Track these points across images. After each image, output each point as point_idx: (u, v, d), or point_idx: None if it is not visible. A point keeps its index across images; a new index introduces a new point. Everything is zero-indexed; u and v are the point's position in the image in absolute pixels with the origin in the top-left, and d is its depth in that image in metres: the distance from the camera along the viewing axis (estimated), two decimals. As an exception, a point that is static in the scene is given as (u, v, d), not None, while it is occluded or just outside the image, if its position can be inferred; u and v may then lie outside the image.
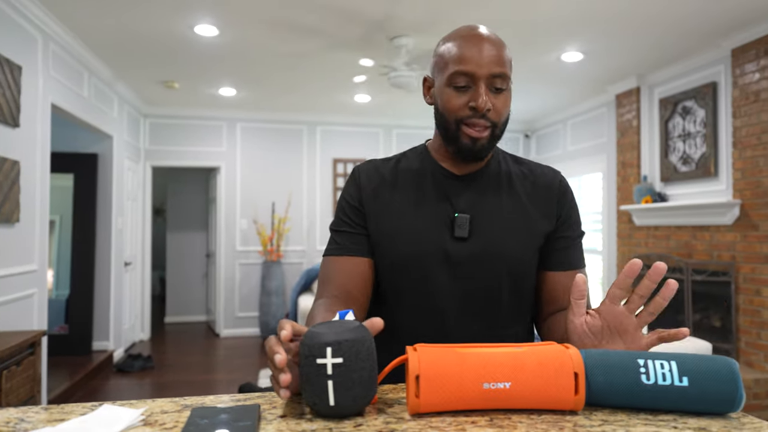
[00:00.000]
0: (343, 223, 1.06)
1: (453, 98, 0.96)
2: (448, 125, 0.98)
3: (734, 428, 0.61)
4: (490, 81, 0.95)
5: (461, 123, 0.97)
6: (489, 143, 0.98)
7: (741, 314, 3.77)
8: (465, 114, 0.96)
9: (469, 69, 0.94)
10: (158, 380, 4.49)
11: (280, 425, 0.63)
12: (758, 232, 3.63)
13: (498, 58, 0.94)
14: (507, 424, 0.62)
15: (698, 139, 4.23)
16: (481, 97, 0.93)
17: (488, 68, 0.94)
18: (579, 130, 5.92)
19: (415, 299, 1.01)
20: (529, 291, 1.06)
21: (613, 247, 5.29)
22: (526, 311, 1.07)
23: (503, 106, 0.97)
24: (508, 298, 1.02)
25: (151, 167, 6.10)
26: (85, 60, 4.14)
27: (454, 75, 0.95)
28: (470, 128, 0.96)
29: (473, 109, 0.95)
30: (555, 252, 1.05)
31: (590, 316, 0.80)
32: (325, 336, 0.64)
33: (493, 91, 0.96)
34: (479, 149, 0.97)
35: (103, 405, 0.66)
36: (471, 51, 0.94)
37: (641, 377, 0.64)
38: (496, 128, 0.98)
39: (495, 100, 0.96)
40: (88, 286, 4.81)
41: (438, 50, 1.01)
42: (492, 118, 0.96)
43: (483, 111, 0.94)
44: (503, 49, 0.96)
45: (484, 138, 0.97)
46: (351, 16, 3.46)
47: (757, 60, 3.62)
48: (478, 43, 0.95)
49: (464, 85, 0.95)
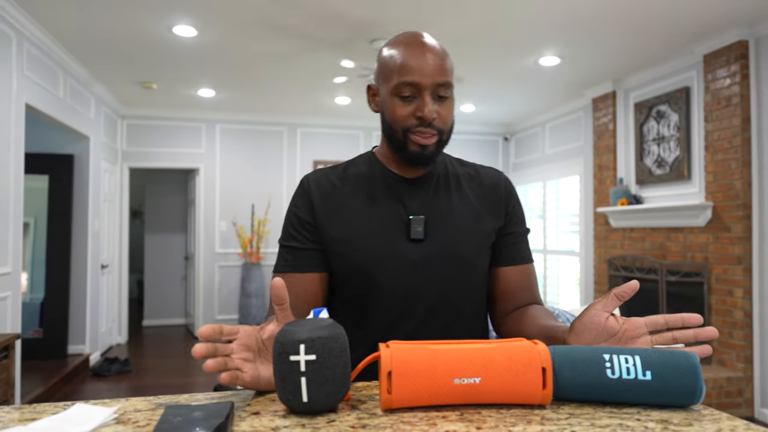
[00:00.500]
0: (292, 237, 1.05)
1: (399, 108, 0.98)
2: (396, 134, 1.00)
3: (695, 420, 0.63)
4: (435, 90, 0.97)
5: (408, 132, 0.98)
6: (437, 149, 1.00)
7: (714, 314, 3.86)
8: (411, 123, 0.98)
9: (414, 80, 0.95)
10: (136, 384, 4.43)
11: (254, 422, 0.63)
12: (730, 233, 3.72)
13: (441, 68, 0.96)
14: (477, 418, 0.64)
15: (672, 143, 4.33)
16: (426, 107, 0.95)
17: (432, 78, 0.96)
18: (557, 133, 6.00)
19: (376, 303, 1.01)
20: (484, 288, 1.08)
21: (590, 248, 5.37)
22: (481, 309, 1.10)
23: (448, 114, 0.99)
24: (465, 297, 1.04)
25: (128, 169, 6.03)
26: (61, 60, 4.07)
27: (399, 85, 0.97)
28: (417, 136, 0.98)
29: (419, 118, 0.97)
30: (505, 248, 1.08)
31: (614, 318, 0.78)
32: (299, 333, 0.65)
33: (438, 99, 0.98)
34: (428, 155, 1.00)
35: (75, 404, 0.66)
36: (415, 61, 0.96)
37: (606, 371, 0.66)
38: (443, 134, 1.00)
39: (440, 109, 0.98)
40: (64, 289, 4.73)
41: (381, 58, 1.02)
42: (438, 125, 0.98)
43: (429, 120, 0.96)
44: (446, 57, 0.98)
45: (431, 145, 0.99)
46: (331, 18, 3.47)
47: (728, 66, 3.72)
48: (422, 53, 0.96)
49: (409, 95, 0.97)
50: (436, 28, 3.63)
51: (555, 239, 5.99)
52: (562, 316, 2.43)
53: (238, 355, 0.72)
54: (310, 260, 1.03)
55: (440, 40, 3.87)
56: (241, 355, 0.72)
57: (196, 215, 6.26)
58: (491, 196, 1.09)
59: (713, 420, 0.63)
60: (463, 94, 5.35)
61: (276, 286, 0.73)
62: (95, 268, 5.03)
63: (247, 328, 0.75)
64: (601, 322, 0.77)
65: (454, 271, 1.02)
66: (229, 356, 0.71)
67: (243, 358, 0.72)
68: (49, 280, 4.72)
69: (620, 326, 0.77)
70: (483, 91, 5.24)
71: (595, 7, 3.29)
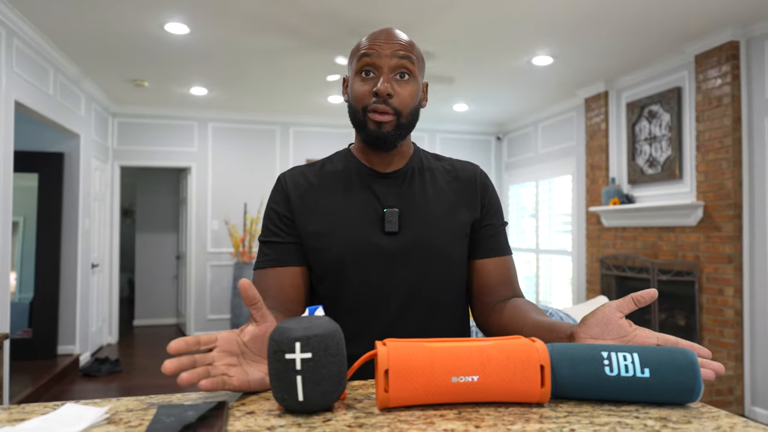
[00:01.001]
0: (271, 233, 1.06)
1: (359, 86, 1.01)
2: (357, 113, 1.02)
3: (693, 417, 0.63)
4: (395, 68, 0.99)
5: (366, 110, 1.00)
6: (396, 130, 1.01)
7: (704, 313, 3.88)
8: (369, 100, 1.00)
9: (372, 58, 0.99)
10: (126, 384, 4.39)
11: (248, 421, 0.62)
12: (721, 233, 3.74)
13: (402, 48, 1.00)
14: (475, 416, 0.63)
15: (664, 143, 4.35)
16: (382, 83, 0.98)
17: (390, 58, 0.99)
18: (549, 133, 6.02)
19: (353, 297, 1.02)
20: (462, 281, 1.08)
21: (582, 247, 5.39)
22: (461, 302, 1.10)
23: (409, 95, 1.01)
24: (442, 289, 1.04)
25: (119, 167, 5.98)
26: (51, 57, 4.03)
27: (360, 62, 1.01)
28: (374, 113, 0.99)
29: (376, 94, 0.98)
30: (483, 240, 1.08)
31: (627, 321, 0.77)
32: (294, 331, 0.64)
33: (398, 79, 1.00)
34: (385, 135, 1.00)
35: (65, 404, 0.64)
36: (376, 41, 1.00)
37: (605, 369, 0.66)
38: (402, 116, 1.01)
39: (399, 88, 1.00)
40: (53, 289, 4.68)
41: (352, 49, 1.06)
42: (395, 104, 0.99)
43: (383, 95, 0.98)
44: (409, 42, 1.02)
45: (388, 123, 1.00)
46: (325, 16, 3.46)
47: (719, 66, 3.74)
48: (384, 35, 1.01)
49: (370, 74, 1.00)
50: (429, 27, 3.62)
51: (547, 239, 6.01)
52: (556, 315, 2.44)
53: (221, 362, 0.71)
54: (290, 254, 1.04)
55: (434, 39, 3.86)
56: (225, 361, 0.71)
57: (187, 214, 6.22)
58: (467, 189, 1.10)
59: (712, 417, 0.62)
60: (456, 93, 5.35)
61: (244, 287, 0.72)
62: (85, 268, 4.98)
63: (225, 333, 0.74)
64: (614, 320, 0.76)
65: (429, 263, 1.02)
66: (212, 364, 0.70)
67: (227, 363, 0.71)
68: (38, 279, 4.67)
69: (631, 330, 0.76)
70: (476, 90, 5.25)
71: (587, 7, 3.29)
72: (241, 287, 0.72)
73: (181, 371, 0.66)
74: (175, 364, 0.65)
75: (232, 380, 0.70)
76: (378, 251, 1.01)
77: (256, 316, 0.75)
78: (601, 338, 0.76)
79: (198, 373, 0.66)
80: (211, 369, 0.68)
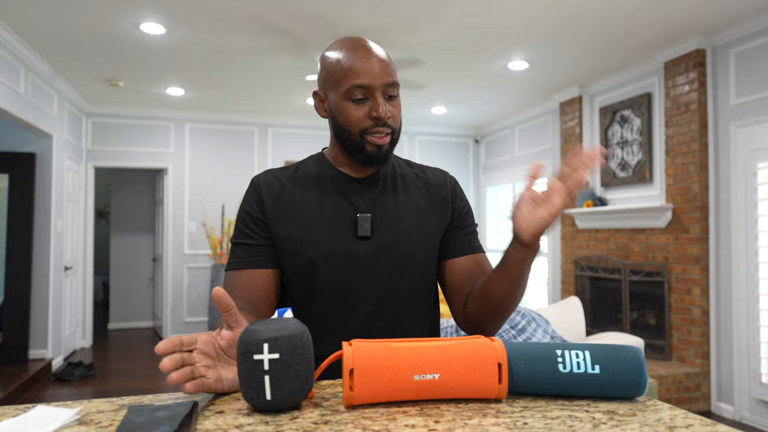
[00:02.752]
0: (244, 235, 1.07)
1: (353, 111, 1.01)
2: (352, 137, 1.03)
3: (638, 410, 0.67)
4: (385, 90, 1.01)
5: (365, 133, 1.02)
6: (391, 146, 1.05)
7: (673, 312, 3.99)
8: (367, 124, 1.01)
9: (365, 82, 0.99)
10: (100, 388, 4.34)
11: (218, 420, 0.64)
12: (689, 234, 3.86)
13: (388, 68, 1.02)
14: (435, 412, 0.66)
15: (635, 147, 4.46)
16: (381, 107, 1.00)
17: (382, 79, 1.00)
18: (526, 136, 6.11)
19: (325, 300, 1.04)
20: (431, 285, 1.11)
21: (557, 249, 5.49)
22: (431, 304, 1.13)
23: (398, 112, 1.05)
24: (412, 293, 1.07)
25: (93, 168, 5.89)
26: (22, 55, 3.97)
27: (350, 89, 1.00)
28: (373, 137, 1.02)
29: (375, 119, 1.01)
30: (452, 241, 1.12)
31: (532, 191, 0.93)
32: (262, 333, 0.66)
33: (387, 98, 1.03)
34: (385, 154, 1.04)
35: (37, 406, 0.66)
36: (364, 65, 1.00)
37: (559, 366, 0.70)
38: (395, 133, 1.05)
39: (391, 108, 1.03)
40: (25, 292, 4.60)
41: (327, 64, 1.05)
42: (391, 124, 1.03)
43: (384, 119, 1.00)
44: (389, 58, 1.04)
45: (386, 143, 1.03)
46: (304, 17, 3.47)
47: (687, 73, 3.86)
48: (367, 56, 1.01)
49: (361, 97, 1.01)
50: (407, 31, 3.66)
51: (523, 240, 6.09)
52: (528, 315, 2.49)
53: (200, 363, 0.74)
54: (262, 256, 1.05)
55: (412, 43, 3.90)
56: (203, 363, 0.74)
57: (164, 216, 6.16)
58: (437, 195, 1.13)
59: (655, 410, 0.67)
60: (435, 96, 5.41)
61: (217, 295, 0.74)
62: (58, 270, 4.91)
63: (203, 335, 0.76)
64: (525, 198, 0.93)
65: (400, 267, 1.05)
66: (194, 365, 0.72)
67: (205, 365, 0.74)
68: (8, 282, 4.58)
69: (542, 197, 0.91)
70: (454, 94, 5.31)
71: (562, 14, 3.37)
72: (215, 296, 0.74)
73: (174, 369, 0.69)
74: (173, 362, 0.68)
75: (208, 381, 0.72)
76: (350, 255, 1.03)
77: (230, 322, 0.77)
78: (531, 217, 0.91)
79: (185, 373, 0.69)
80: (194, 370, 0.71)
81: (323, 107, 1.08)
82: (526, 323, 2.32)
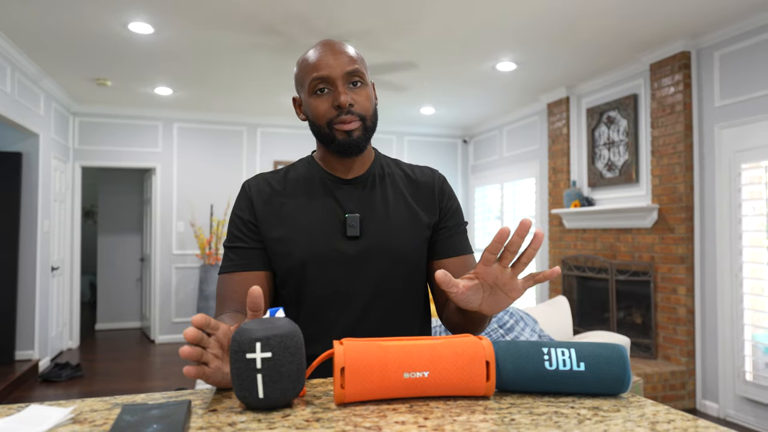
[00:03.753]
0: (236, 238, 1.08)
1: (318, 104, 1.04)
2: (322, 130, 1.05)
3: (622, 406, 0.69)
4: (346, 78, 1.03)
5: (332, 124, 1.04)
6: (364, 134, 1.05)
7: (659, 311, 4.04)
8: (332, 115, 1.03)
9: (324, 73, 1.02)
10: (88, 389, 4.31)
11: (211, 418, 0.65)
12: (674, 234, 3.91)
13: (348, 58, 1.04)
14: (425, 409, 0.68)
15: (621, 147, 4.51)
16: (341, 95, 1.01)
17: (341, 68, 1.02)
18: (514, 136, 6.16)
19: (315, 300, 1.05)
20: (421, 283, 1.13)
21: (545, 248, 5.53)
22: (421, 303, 1.14)
23: (365, 100, 1.05)
24: (402, 292, 1.09)
25: (80, 167, 5.85)
26: (8, 54, 3.93)
27: (313, 82, 1.03)
28: (341, 124, 1.03)
29: (338, 107, 1.02)
30: (440, 242, 1.12)
31: (467, 280, 0.83)
32: (255, 332, 0.67)
33: (352, 87, 1.04)
34: (357, 140, 1.04)
35: (30, 405, 0.66)
36: (322, 58, 1.03)
37: (545, 364, 0.72)
38: (366, 120, 1.05)
39: (356, 95, 1.04)
40: (11, 292, 4.55)
41: (296, 68, 1.09)
42: (358, 111, 1.04)
43: (346, 106, 1.02)
44: (350, 50, 1.06)
45: (356, 129, 1.04)
46: (293, 18, 3.47)
47: (672, 75, 3.91)
48: (327, 50, 1.04)
49: (325, 89, 1.03)
50: (396, 32, 3.68)
51: (512, 240, 6.13)
52: (516, 314, 2.51)
53: (211, 351, 0.74)
54: (255, 259, 1.07)
55: (401, 46, 3.92)
56: (213, 351, 0.74)
57: (152, 216, 6.12)
58: (426, 194, 1.14)
59: (639, 406, 0.69)
60: (423, 97, 5.43)
61: (255, 294, 0.75)
62: (45, 270, 4.86)
63: (224, 326, 0.77)
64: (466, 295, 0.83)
65: (389, 266, 1.06)
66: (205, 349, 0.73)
67: (214, 354, 0.74)
68: (-6, 283, 4.54)
69: (479, 282, 0.83)
70: (442, 94, 5.33)
71: (550, 17, 3.40)
72: (253, 294, 0.75)
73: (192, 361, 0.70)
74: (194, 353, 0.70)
75: (209, 370, 0.72)
76: (340, 255, 1.05)
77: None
78: (491, 301, 0.85)
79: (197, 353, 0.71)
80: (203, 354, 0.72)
81: (301, 110, 1.11)
82: (514, 322, 2.34)
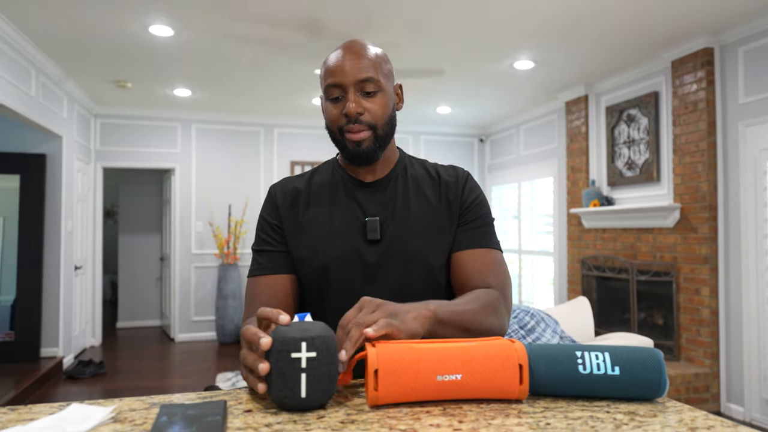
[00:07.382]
0: (264, 242, 1.10)
1: (331, 110, 1.04)
2: (334, 135, 1.06)
3: (659, 411, 0.68)
4: (358, 86, 1.02)
5: (342, 131, 1.04)
6: (375, 143, 1.04)
7: (682, 312, 3.99)
8: (342, 122, 1.03)
9: (337, 80, 1.02)
10: (111, 386, 4.38)
11: (247, 419, 0.66)
12: (697, 234, 3.85)
13: (362, 65, 1.02)
14: (458, 412, 0.68)
15: (642, 146, 4.46)
16: (350, 104, 1.01)
17: (354, 75, 1.01)
18: (531, 135, 6.11)
19: (338, 304, 1.04)
20: (442, 286, 1.09)
21: (564, 248, 5.49)
22: None
23: (379, 108, 1.03)
24: (425, 294, 1.05)
25: (102, 168, 5.94)
26: (33, 57, 4.00)
27: (327, 89, 1.04)
28: (349, 134, 1.03)
29: (346, 116, 1.02)
30: (460, 234, 1.09)
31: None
32: (298, 332, 0.68)
33: (364, 95, 1.03)
34: (366, 151, 1.04)
35: (71, 404, 0.68)
36: (339, 63, 1.02)
37: (579, 367, 0.71)
38: (378, 129, 1.04)
39: (368, 104, 1.02)
40: (36, 291, 4.64)
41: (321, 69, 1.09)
42: (368, 120, 1.02)
43: (353, 116, 1.01)
44: (369, 55, 1.04)
45: (366, 140, 1.03)
46: (309, 20, 3.49)
47: (695, 72, 3.85)
48: (343, 55, 1.03)
49: (337, 96, 1.03)
50: (414, 32, 3.67)
51: (530, 239, 6.10)
52: (537, 315, 2.50)
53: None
54: (282, 262, 1.08)
55: (418, 44, 3.91)
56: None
57: (171, 216, 6.19)
58: (449, 194, 1.11)
59: (676, 411, 0.68)
60: (440, 96, 5.42)
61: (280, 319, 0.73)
62: (68, 270, 4.95)
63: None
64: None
65: (410, 269, 1.05)
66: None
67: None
68: (20, 281, 4.63)
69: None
70: (459, 93, 5.31)
71: (569, 15, 3.37)
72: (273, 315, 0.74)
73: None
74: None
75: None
76: (361, 259, 1.04)
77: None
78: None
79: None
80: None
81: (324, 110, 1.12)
82: (535, 323, 2.33)
